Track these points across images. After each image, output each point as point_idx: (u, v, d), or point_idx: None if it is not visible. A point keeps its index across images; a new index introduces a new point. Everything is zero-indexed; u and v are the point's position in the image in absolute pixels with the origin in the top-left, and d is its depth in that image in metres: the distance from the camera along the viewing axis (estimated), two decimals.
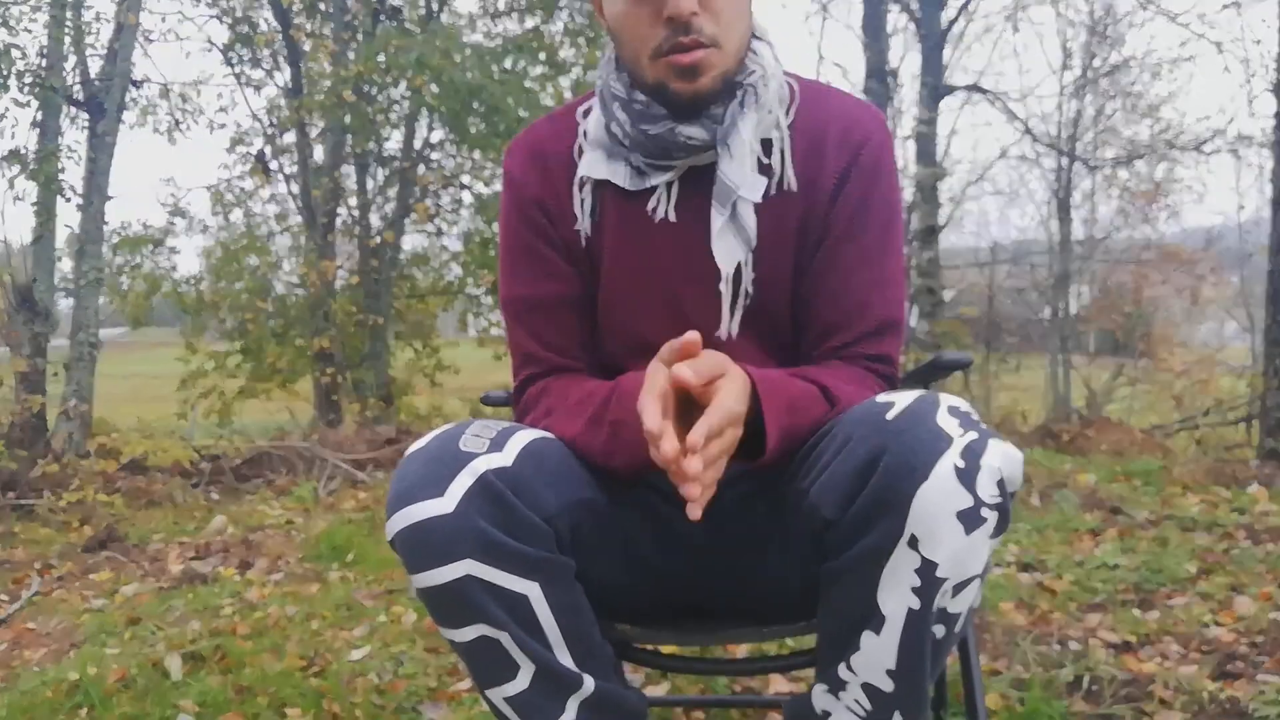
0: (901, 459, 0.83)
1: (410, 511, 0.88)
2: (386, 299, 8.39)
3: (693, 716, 1.67)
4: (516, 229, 1.14)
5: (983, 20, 12.99)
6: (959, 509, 0.82)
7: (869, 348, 1.08)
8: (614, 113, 1.08)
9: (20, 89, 5.76)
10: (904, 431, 0.85)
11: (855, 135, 1.09)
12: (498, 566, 0.89)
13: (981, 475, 0.82)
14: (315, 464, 5.19)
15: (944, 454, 0.82)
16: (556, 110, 1.19)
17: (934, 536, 0.83)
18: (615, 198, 1.10)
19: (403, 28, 7.54)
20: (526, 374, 1.15)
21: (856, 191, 1.08)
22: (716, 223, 1.05)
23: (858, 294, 1.08)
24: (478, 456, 0.91)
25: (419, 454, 0.94)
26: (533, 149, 1.15)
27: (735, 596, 1.12)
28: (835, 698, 0.94)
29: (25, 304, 5.65)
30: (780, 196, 1.08)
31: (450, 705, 1.78)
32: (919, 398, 0.89)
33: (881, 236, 1.09)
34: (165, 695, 1.80)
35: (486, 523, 0.88)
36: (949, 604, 0.86)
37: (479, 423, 0.98)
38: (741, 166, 1.04)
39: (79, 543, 3.61)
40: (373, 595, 2.63)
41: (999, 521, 0.84)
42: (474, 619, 0.90)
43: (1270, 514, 2.97)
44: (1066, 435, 5.40)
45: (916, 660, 0.88)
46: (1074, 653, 1.87)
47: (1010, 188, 14.62)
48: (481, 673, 0.95)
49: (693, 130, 1.04)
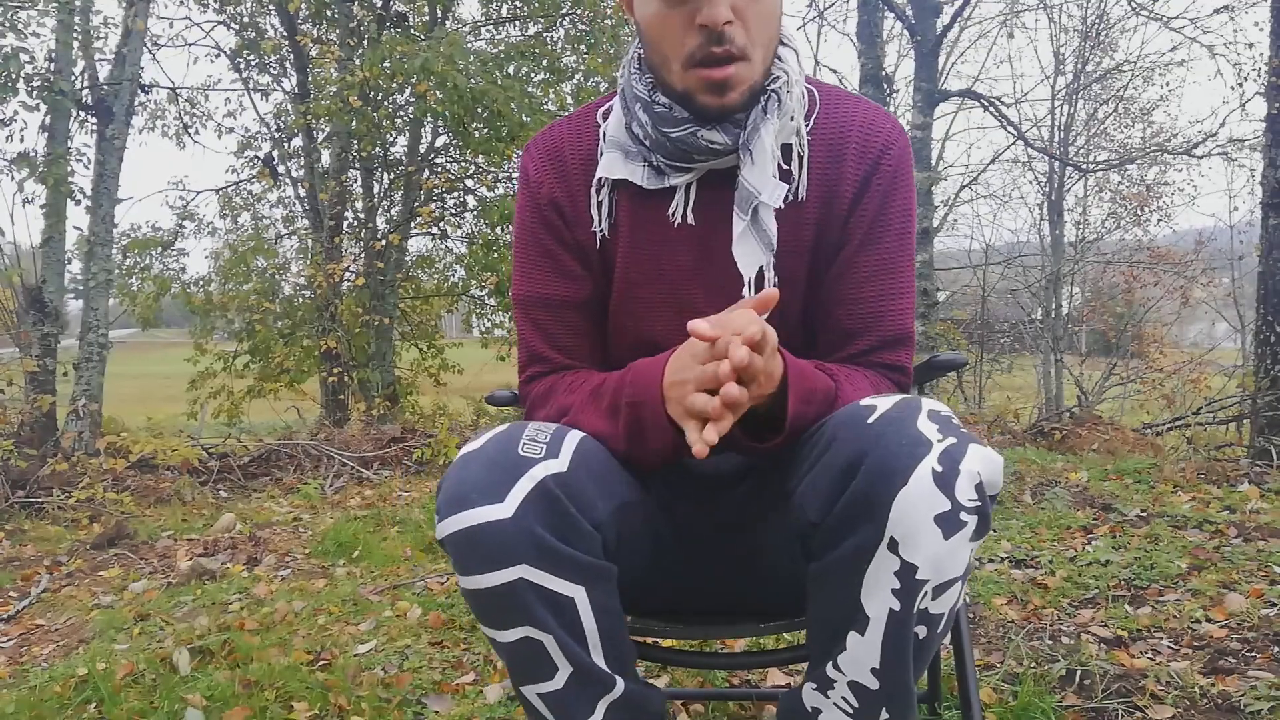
0: (881, 463, 0.83)
1: (467, 515, 0.88)
2: (392, 300, 8.42)
3: (692, 710, 1.68)
4: (531, 228, 1.14)
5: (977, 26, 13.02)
6: (937, 513, 0.82)
7: (884, 357, 1.09)
8: (635, 113, 1.07)
9: (29, 93, 5.80)
10: (884, 435, 0.85)
11: (875, 143, 1.08)
12: (550, 571, 0.89)
13: (960, 480, 0.83)
14: (322, 462, 5.23)
15: (923, 459, 0.83)
16: (576, 111, 1.19)
17: (913, 540, 0.83)
18: (632, 199, 1.10)
19: (408, 34, 7.57)
20: (532, 371, 1.16)
21: (876, 200, 1.07)
22: (738, 228, 1.05)
23: (874, 303, 1.08)
24: (537, 462, 0.90)
25: (476, 456, 0.92)
26: (550, 149, 1.14)
27: (739, 591, 1.14)
28: (824, 696, 0.95)
29: (35, 305, 5.70)
30: (798, 203, 1.07)
31: (454, 698, 1.80)
32: (900, 402, 0.89)
33: (898, 245, 1.08)
34: (173, 690, 1.82)
35: (543, 529, 0.88)
36: (930, 605, 0.86)
37: (534, 425, 0.97)
38: (763, 172, 1.04)
39: (88, 540, 3.64)
40: (378, 590, 2.65)
41: (979, 525, 0.84)
42: (521, 622, 0.91)
43: (1261, 512, 2.97)
44: (1058, 434, 5.39)
45: (900, 660, 0.89)
46: (1066, 647, 1.88)
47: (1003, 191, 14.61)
48: (520, 671, 0.96)
49: (715, 135, 1.03)
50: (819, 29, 13.00)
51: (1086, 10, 11.69)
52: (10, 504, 4.32)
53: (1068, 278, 11.32)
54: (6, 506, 4.31)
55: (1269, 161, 4.69)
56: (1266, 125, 4.80)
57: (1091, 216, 13.10)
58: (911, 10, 7.36)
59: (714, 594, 1.15)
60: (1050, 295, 11.15)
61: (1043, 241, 13.14)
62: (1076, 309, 12.06)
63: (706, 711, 1.68)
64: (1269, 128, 4.76)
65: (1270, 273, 4.65)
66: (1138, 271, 10.97)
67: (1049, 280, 11.00)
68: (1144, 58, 13.57)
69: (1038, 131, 12.60)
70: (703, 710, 1.68)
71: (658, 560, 1.10)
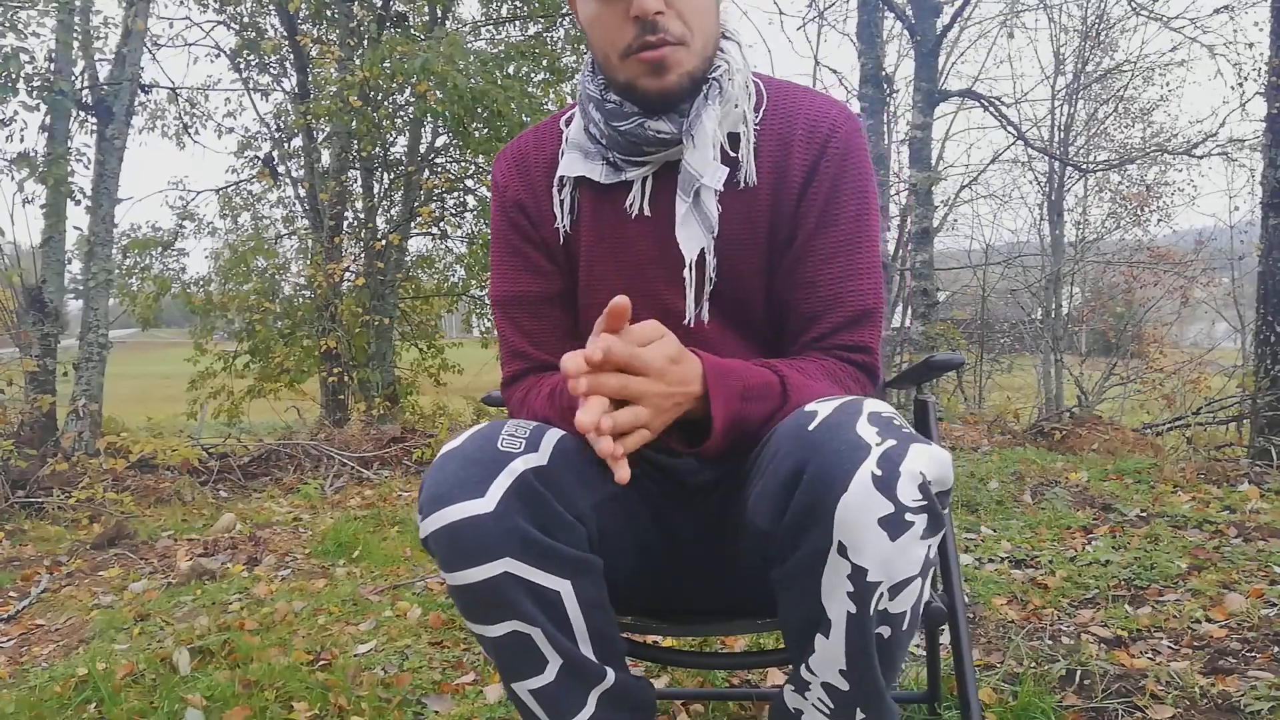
0: (822, 470, 0.84)
1: (448, 512, 0.89)
2: (392, 300, 8.43)
3: (691, 709, 1.68)
4: (501, 231, 1.19)
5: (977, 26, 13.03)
6: (880, 516, 0.82)
7: (846, 337, 1.10)
8: (590, 113, 1.12)
9: (29, 93, 5.80)
10: (823, 443, 0.85)
11: (822, 129, 1.11)
12: (535, 565, 0.90)
13: (901, 481, 0.82)
14: (322, 462, 5.23)
15: (862, 463, 0.83)
16: (541, 122, 1.24)
17: (859, 544, 0.83)
18: (592, 195, 1.14)
19: (408, 34, 7.57)
20: (513, 369, 1.20)
21: (825, 184, 1.10)
22: (680, 210, 1.08)
23: (832, 285, 1.10)
24: (516, 456, 0.92)
25: (455, 454, 0.93)
26: (516, 156, 1.20)
27: (729, 592, 1.14)
28: (802, 697, 0.96)
29: (35, 305, 5.70)
30: (749, 191, 1.10)
31: (454, 698, 1.80)
32: (840, 407, 0.89)
33: (854, 227, 1.10)
34: (173, 690, 1.82)
35: (526, 522, 0.89)
36: (889, 605, 0.86)
37: (513, 422, 0.99)
38: (705, 156, 1.06)
39: (88, 540, 3.64)
40: (378, 590, 2.66)
41: (929, 523, 0.84)
42: (507, 616, 0.91)
43: (1261, 512, 2.97)
44: (1058, 434, 5.39)
45: (865, 660, 0.89)
46: (1066, 647, 1.89)
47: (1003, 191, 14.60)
48: (509, 667, 0.96)
49: (661, 124, 1.07)
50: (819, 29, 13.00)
51: (1086, 10, 11.71)
52: (10, 504, 4.32)
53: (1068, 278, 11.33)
54: (6, 506, 4.31)
55: (1269, 161, 4.69)
56: (1266, 125, 4.81)
57: (1091, 216, 13.13)
58: (911, 10, 7.36)
59: (704, 594, 1.16)
60: (1050, 295, 11.16)
61: (1043, 241, 13.16)
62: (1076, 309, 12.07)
63: (706, 711, 1.68)
64: (1269, 128, 4.76)
65: (1270, 273, 4.66)
66: (1138, 271, 10.97)
67: (1049, 280, 11.01)
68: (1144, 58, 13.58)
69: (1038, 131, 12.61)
70: (702, 710, 1.68)
71: (644, 559, 1.11)
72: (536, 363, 1.18)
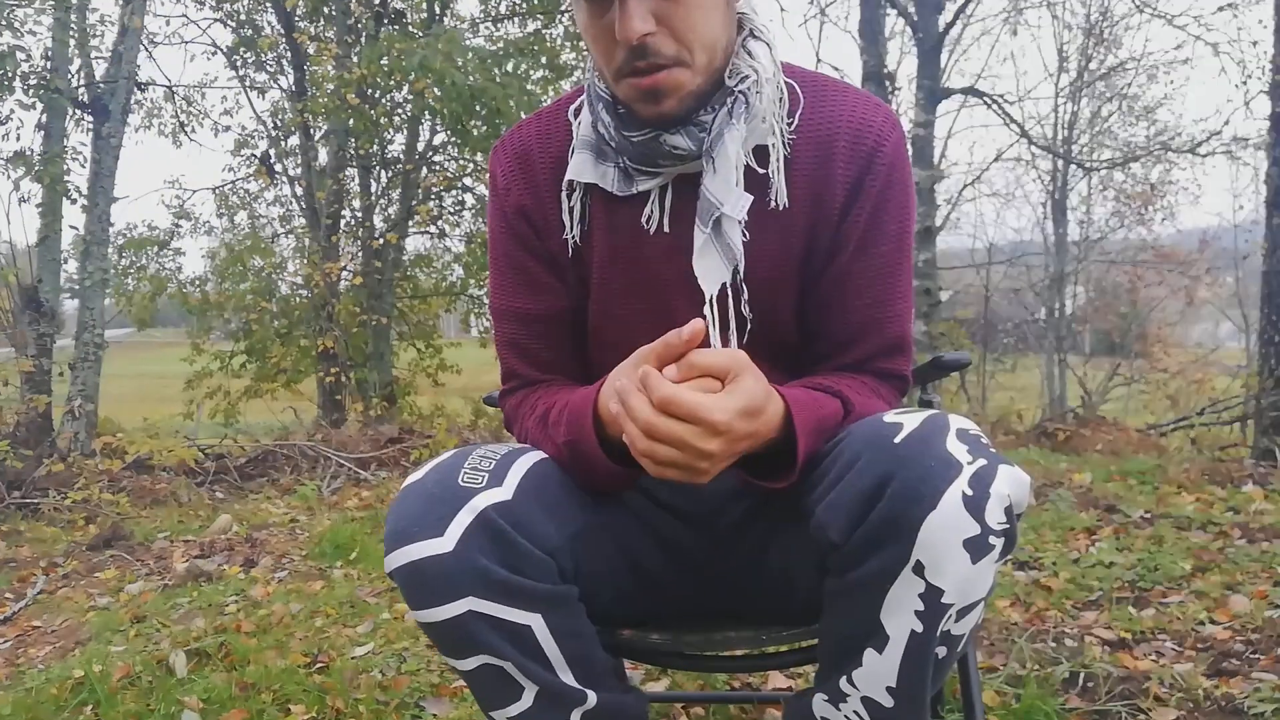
0: (909, 486, 0.81)
1: (409, 550, 0.86)
2: (389, 300, 8.42)
3: (692, 713, 1.67)
4: (501, 240, 1.09)
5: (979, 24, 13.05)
6: (966, 537, 0.80)
7: (882, 365, 1.05)
8: (600, 114, 1.01)
9: (25, 91, 5.80)
10: (912, 458, 0.82)
11: (868, 139, 1.00)
12: (500, 601, 0.87)
13: (990, 503, 0.80)
14: (319, 463, 5.22)
15: (953, 482, 0.80)
16: (548, 106, 1.11)
17: (940, 564, 0.81)
18: (605, 202, 1.04)
19: (405, 31, 7.57)
20: (509, 386, 1.14)
21: (870, 203, 1.00)
22: (699, 240, 0.98)
23: (871, 310, 1.03)
24: (478, 493, 0.88)
25: (416, 489, 0.90)
26: (519, 152, 1.08)
27: (735, 601, 1.12)
28: (835, 708, 0.94)
29: (31, 305, 5.68)
30: (782, 212, 1.00)
31: (452, 701, 1.79)
32: (927, 420, 0.85)
33: (895, 249, 1.02)
34: (170, 692, 1.81)
35: (488, 560, 0.86)
36: (953, 627, 0.85)
37: (477, 452, 0.94)
38: (726, 182, 0.96)
39: (84, 541, 3.63)
40: (376, 593, 2.64)
41: (1005, 546, 0.83)
42: (476, 651, 0.89)
43: (1265, 513, 2.96)
44: (1062, 435, 5.40)
45: (918, 679, 0.88)
46: (1070, 650, 1.87)
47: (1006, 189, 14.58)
48: (485, 697, 0.94)
49: (678, 139, 0.97)
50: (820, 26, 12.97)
51: (1090, 7, 11.72)
52: (6, 505, 4.31)
53: (1071, 277, 11.34)
54: (2, 508, 4.30)
55: (1273, 160, 4.68)
56: (1271, 123, 4.80)
57: (1095, 215, 13.13)
58: (914, 7, 7.36)
59: (710, 605, 1.13)
60: (1054, 295, 11.17)
61: (1046, 240, 13.15)
62: (1080, 308, 12.09)
63: (707, 714, 1.67)
64: (1273, 126, 4.76)
65: (1275, 272, 4.65)
66: (1142, 271, 10.98)
67: (1052, 279, 11.02)
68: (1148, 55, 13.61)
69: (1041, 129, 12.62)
70: (703, 713, 1.67)
71: (643, 571, 1.07)
72: (531, 380, 1.11)
